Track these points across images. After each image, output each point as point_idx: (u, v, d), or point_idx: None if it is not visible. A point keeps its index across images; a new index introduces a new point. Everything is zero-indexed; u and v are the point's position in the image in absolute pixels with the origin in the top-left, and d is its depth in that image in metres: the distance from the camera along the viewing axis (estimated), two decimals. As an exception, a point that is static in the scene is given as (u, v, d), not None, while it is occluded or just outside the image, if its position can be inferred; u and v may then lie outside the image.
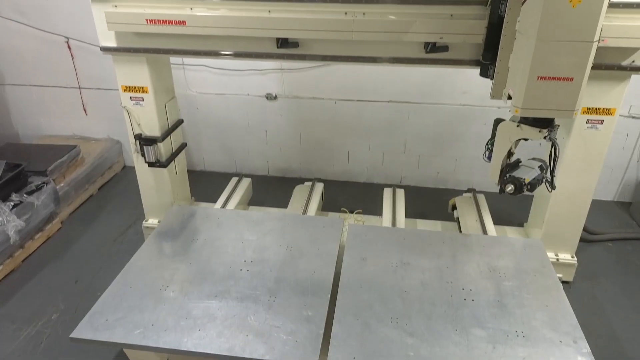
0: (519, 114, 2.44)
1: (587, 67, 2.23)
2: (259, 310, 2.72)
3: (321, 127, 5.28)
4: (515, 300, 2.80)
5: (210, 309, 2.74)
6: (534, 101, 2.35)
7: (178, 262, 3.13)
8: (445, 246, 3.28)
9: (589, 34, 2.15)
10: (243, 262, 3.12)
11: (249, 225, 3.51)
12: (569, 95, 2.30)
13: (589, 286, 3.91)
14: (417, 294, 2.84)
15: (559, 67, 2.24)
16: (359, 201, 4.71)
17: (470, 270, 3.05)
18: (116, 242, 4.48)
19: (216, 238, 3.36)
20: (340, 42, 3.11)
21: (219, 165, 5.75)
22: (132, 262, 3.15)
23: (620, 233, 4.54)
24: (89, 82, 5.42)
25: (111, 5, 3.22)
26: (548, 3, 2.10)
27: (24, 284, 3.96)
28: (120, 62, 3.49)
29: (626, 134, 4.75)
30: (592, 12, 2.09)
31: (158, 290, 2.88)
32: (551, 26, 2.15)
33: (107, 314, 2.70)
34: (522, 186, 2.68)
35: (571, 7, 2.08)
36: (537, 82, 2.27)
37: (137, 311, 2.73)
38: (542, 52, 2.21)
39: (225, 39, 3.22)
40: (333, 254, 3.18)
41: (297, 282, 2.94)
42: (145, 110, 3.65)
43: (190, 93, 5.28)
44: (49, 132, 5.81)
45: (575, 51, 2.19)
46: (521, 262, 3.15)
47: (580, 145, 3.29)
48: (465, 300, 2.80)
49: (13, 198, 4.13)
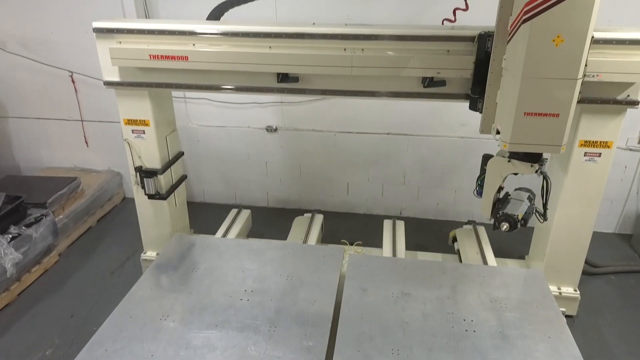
0: (507, 148, 2.47)
1: (573, 103, 2.27)
2: (259, 341, 2.69)
3: (321, 158, 5.31)
4: (517, 332, 2.77)
5: (210, 339, 2.71)
6: (522, 136, 2.39)
7: (178, 292, 3.12)
8: (446, 276, 3.26)
9: (573, 72, 2.20)
10: (243, 292, 3.10)
11: (250, 254, 3.50)
12: (555, 131, 2.33)
13: (593, 320, 3.85)
14: (418, 325, 2.81)
15: (544, 103, 2.28)
16: (359, 233, 4.69)
17: (472, 301, 3.03)
18: (113, 275, 4.44)
19: (216, 267, 3.35)
20: (339, 77, 3.17)
21: (218, 196, 5.75)
22: (132, 291, 3.11)
23: (623, 266, 4.50)
24: (92, 114, 5.49)
25: (115, 41, 3.29)
26: (532, 42, 2.15)
27: (19, 318, 3.90)
28: (123, 95, 3.54)
29: (624, 166, 4.77)
30: (575, 50, 2.15)
31: (158, 320, 2.85)
32: (535, 64, 2.20)
33: (107, 344, 2.66)
34: (516, 223, 2.68)
35: (554, 46, 2.14)
36: (524, 117, 2.31)
37: (136, 341, 2.69)
38: (528, 89, 2.25)
39: (226, 73, 3.28)
40: (333, 284, 3.17)
41: (298, 312, 2.92)
42: (146, 143, 3.69)
43: (191, 125, 5.33)
44: (50, 164, 5.84)
45: (560, 88, 2.23)
46: (522, 292, 3.13)
47: (578, 178, 3.30)
48: (467, 332, 2.77)
49: (11, 230, 4.11)
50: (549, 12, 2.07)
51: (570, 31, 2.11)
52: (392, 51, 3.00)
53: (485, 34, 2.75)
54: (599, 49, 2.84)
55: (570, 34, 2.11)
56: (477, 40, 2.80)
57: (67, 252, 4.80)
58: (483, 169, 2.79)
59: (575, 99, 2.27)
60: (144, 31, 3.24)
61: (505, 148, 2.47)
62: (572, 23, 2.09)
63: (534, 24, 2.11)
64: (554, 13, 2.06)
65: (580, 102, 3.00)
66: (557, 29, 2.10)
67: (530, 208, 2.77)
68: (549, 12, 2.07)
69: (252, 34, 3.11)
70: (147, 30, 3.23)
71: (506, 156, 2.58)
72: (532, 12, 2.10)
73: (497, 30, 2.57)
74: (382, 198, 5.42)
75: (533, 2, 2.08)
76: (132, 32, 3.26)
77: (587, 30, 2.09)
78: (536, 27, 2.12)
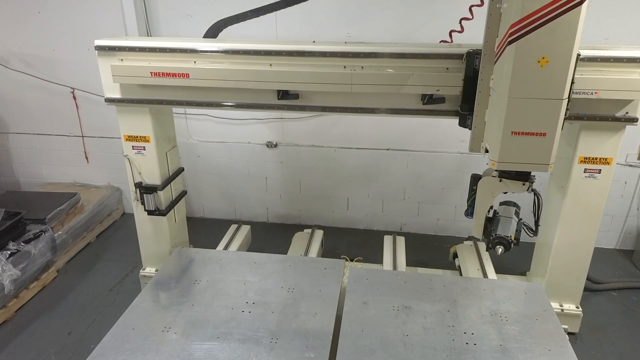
0: (496, 167, 2.49)
1: (559, 122, 2.29)
2: (261, 352, 2.70)
3: (321, 174, 5.32)
4: (517, 345, 2.77)
5: (212, 350, 2.71)
6: (510, 155, 2.41)
7: (180, 304, 3.12)
8: (447, 290, 3.26)
9: (558, 92, 2.22)
10: (245, 304, 3.11)
11: (251, 267, 3.51)
12: (543, 150, 2.36)
13: (595, 338, 3.81)
14: (418, 339, 2.81)
15: (531, 123, 2.30)
16: (359, 248, 4.68)
17: (472, 314, 3.03)
18: (112, 291, 4.40)
19: (218, 280, 3.36)
20: (339, 94, 3.18)
21: (218, 212, 5.74)
22: (135, 303, 3.12)
23: (625, 282, 4.47)
24: (92, 130, 5.51)
25: (117, 58, 3.31)
26: (517, 63, 2.18)
27: (17, 335, 3.85)
28: (124, 112, 3.56)
29: (624, 181, 4.77)
30: (560, 71, 2.18)
31: (160, 332, 2.86)
32: (521, 85, 2.23)
33: (109, 356, 2.66)
34: (510, 244, 2.69)
35: (539, 67, 2.17)
36: (512, 137, 2.34)
37: (139, 353, 2.68)
38: (514, 108, 2.28)
39: (227, 90, 3.30)
40: (334, 296, 3.18)
41: (299, 325, 2.92)
42: (146, 159, 3.69)
43: (191, 141, 5.35)
44: (50, 180, 5.84)
45: (546, 108, 2.26)
46: (523, 306, 3.14)
47: (579, 195, 3.30)
48: (468, 345, 2.76)
49: (10, 247, 4.10)
50: (533, 33, 2.10)
51: (554, 52, 2.14)
52: (392, 68, 3.02)
53: (474, 51, 2.77)
54: (597, 66, 2.87)
55: (555, 55, 2.14)
56: (466, 58, 2.82)
57: (66, 268, 4.77)
58: (472, 189, 2.78)
59: (561, 119, 2.29)
60: (146, 49, 3.27)
61: (493, 167, 2.49)
62: (556, 44, 2.12)
63: (519, 45, 2.15)
64: (539, 35, 2.10)
65: (579, 118, 3.03)
66: (542, 50, 2.14)
67: (519, 224, 2.77)
68: (534, 33, 2.10)
69: (253, 51, 3.14)
70: (149, 47, 3.27)
71: (496, 175, 2.58)
72: (517, 34, 2.13)
73: (484, 50, 2.59)
74: (382, 214, 5.41)
75: (518, 24, 2.11)
76: (133, 49, 3.29)
77: (571, 52, 2.12)
78: (521, 48, 2.16)
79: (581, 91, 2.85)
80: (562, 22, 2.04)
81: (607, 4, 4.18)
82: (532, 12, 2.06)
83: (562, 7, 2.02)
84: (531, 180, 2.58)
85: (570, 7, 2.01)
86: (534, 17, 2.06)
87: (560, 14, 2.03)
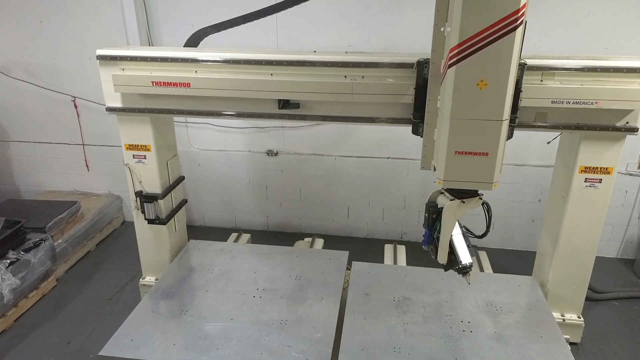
0: (442, 185, 2.52)
1: (501, 143, 2.33)
2: (272, 332, 2.96)
3: (321, 182, 5.31)
4: (511, 332, 2.98)
5: (226, 330, 2.98)
6: (455, 174, 2.45)
7: (196, 290, 3.41)
8: (444, 283, 3.45)
9: (498, 114, 2.26)
10: (256, 290, 3.39)
11: (260, 257, 3.78)
12: (486, 169, 2.39)
13: (597, 348, 3.79)
14: (418, 326, 3.03)
15: (474, 143, 2.34)
16: (360, 257, 4.63)
17: (468, 305, 3.24)
18: (111, 300, 4.39)
19: (230, 269, 3.65)
20: (340, 104, 3.19)
21: (218, 220, 5.73)
22: (154, 289, 3.42)
23: (626, 291, 4.46)
24: (93, 139, 5.52)
25: (118, 68, 3.33)
26: (457, 86, 2.22)
27: (15, 345, 3.83)
28: (125, 121, 3.56)
29: (625, 191, 4.77)
30: (499, 94, 2.21)
31: (178, 314, 3.14)
32: (462, 106, 2.27)
33: (132, 335, 2.94)
34: (471, 266, 2.70)
35: (479, 90, 2.20)
36: (456, 156, 2.38)
37: (159, 332, 2.96)
38: (457, 129, 2.32)
39: (228, 100, 3.31)
40: (339, 284, 3.45)
41: (306, 308, 3.19)
42: (147, 168, 3.69)
43: (192, 150, 5.35)
44: (50, 188, 5.84)
45: (487, 129, 2.29)
46: (516, 297, 3.34)
47: (580, 204, 3.30)
48: (464, 332, 2.98)
49: (10, 255, 4.09)
50: (472, 57, 2.14)
51: (492, 76, 2.17)
52: (392, 78, 3.03)
53: (424, 60, 2.80)
54: (597, 76, 2.88)
55: (493, 78, 2.18)
56: (416, 67, 2.84)
57: (65, 277, 4.76)
58: (432, 218, 2.75)
59: (503, 139, 2.33)
60: (147, 58, 3.28)
61: (440, 184, 2.53)
62: (494, 68, 2.16)
63: (459, 68, 2.19)
64: (477, 59, 2.13)
65: (579, 128, 3.04)
66: (481, 73, 2.17)
67: (467, 239, 2.77)
68: (472, 57, 2.14)
69: (254, 61, 3.15)
70: (150, 57, 3.27)
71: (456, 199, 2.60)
72: (456, 58, 2.17)
73: (431, 72, 2.61)
74: (382, 222, 5.40)
75: (457, 48, 2.15)
76: (135, 59, 3.30)
77: (508, 75, 2.16)
78: (461, 71, 2.19)
79: (581, 101, 2.86)
80: (498, 46, 2.09)
81: (606, 14, 4.20)
82: (469, 37, 2.10)
83: (498, 33, 2.07)
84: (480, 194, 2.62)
85: (506, 32, 2.07)
86: (471, 42, 2.11)
87: (496, 39, 2.08)
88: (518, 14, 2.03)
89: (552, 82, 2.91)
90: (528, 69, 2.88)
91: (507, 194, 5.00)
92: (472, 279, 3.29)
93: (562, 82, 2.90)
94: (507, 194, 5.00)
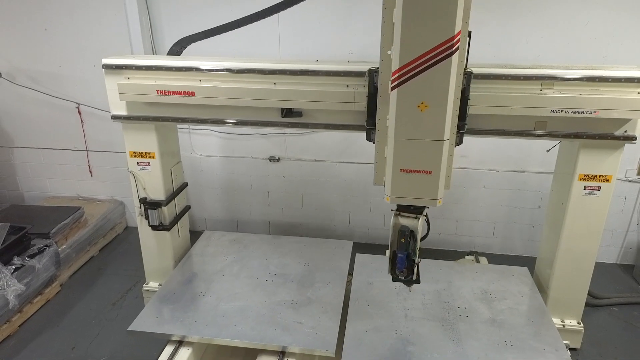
0: (389, 201, 2.61)
1: (443, 161, 2.41)
2: (284, 311, 3.27)
3: (323, 188, 5.35)
4: (504, 317, 3.23)
5: (243, 309, 3.29)
6: (401, 190, 2.55)
7: (213, 274, 3.74)
8: (443, 273, 3.73)
9: (439, 134, 2.34)
10: (268, 275, 3.73)
11: (271, 246, 4.14)
12: (430, 186, 2.48)
13: (597, 354, 3.82)
14: (418, 312, 3.27)
15: (417, 161, 2.43)
16: (361, 264, 4.68)
17: (465, 293, 3.49)
18: (115, 306, 4.42)
19: (244, 256, 4.00)
20: (342, 112, 3.23)
21: (220, 225, 5.77)
22: (172, 275, 3.75)
23: (626, 297, 4.48)
24: (97, 145, 5.57)
25: (124, 77, 3.37)
26: (400, 107, 2.31)
27: (20, 350, 3.87)
28: (129, 129, 3.60)
29: (624, 197, 4.81)
30: (439, 115, 2.29)
31: (198, 295, 3.47)
32: (404, 127, 2.35)
33: (156, 310, 3.30)
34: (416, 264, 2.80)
35: (420, 111, 2.29)
36: (401, 173, 2.47)
37: (181, 311, 3.28)
38: (400, 148, 2.41)
39: (232, 108, 3.35)
40: (344, 270, 3.78)
41: (315, 290, 3.51)
42: (151, 175, 3.73)
43: (195, 156, 5.40)
44: (54, 194, 5.88)
45: (430, 148, 2.38)
46: (510, 285, 3.60)
47: (579, 212, 3.33)
48: (461, 317, 3.22)
49: (15, 261, 4.12)
50: (412, 81, 2.22)
51: (432, 98, 2.26)
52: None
53: (375, 69, 2.78)
54: (596, 86, 2.92)
55: (432, 100, 2.26)
56: (368, 75, 2.87)
57: (69, 282, 4.79)
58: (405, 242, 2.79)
59: (445, 158, 2.41)
60: (152, 67, 3.32)
61: (387, 201, 2.61)
62: (433, 91, 2.24)
63: (401, 91, 2.27)
64: (417, 82, 2.22)
65: (578, 137, 3.08)
66: (421, 96, 2.26)
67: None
68: (412, 81, 2.22)
69: (257, 70, 3.20)
70: (155, 66, 3.32)
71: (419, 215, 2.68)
72: (398, 81, 2.25)
73: (379, 92, 2.65)
74: (383, 228, 5.43)
75: (398, 72, 2.23)
76: (140, 68, 3.34)
77: (447, 98, 2.24)
78: (402, 93, 2.27)
79: (580, 110, 2.90)
80: (436, 71, 2.17)
81: (605, 24, 4.25)
82: (408, 62, 2.18)
83: (435, 58, 2.15)
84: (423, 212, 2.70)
85: (442, 57, 2.15)
86: (411, 67, 2.19)
87: (433, 64, 2.16)
88: (453, 40, 2.12)
89: (552, 91, 2.95)
90: (527, 79, 2.93)
91: (507, 200, 5.04)
92: (470, 268, 3.80)
93: (561, 91, 2.94)
94: (507, 200, 5.04)
